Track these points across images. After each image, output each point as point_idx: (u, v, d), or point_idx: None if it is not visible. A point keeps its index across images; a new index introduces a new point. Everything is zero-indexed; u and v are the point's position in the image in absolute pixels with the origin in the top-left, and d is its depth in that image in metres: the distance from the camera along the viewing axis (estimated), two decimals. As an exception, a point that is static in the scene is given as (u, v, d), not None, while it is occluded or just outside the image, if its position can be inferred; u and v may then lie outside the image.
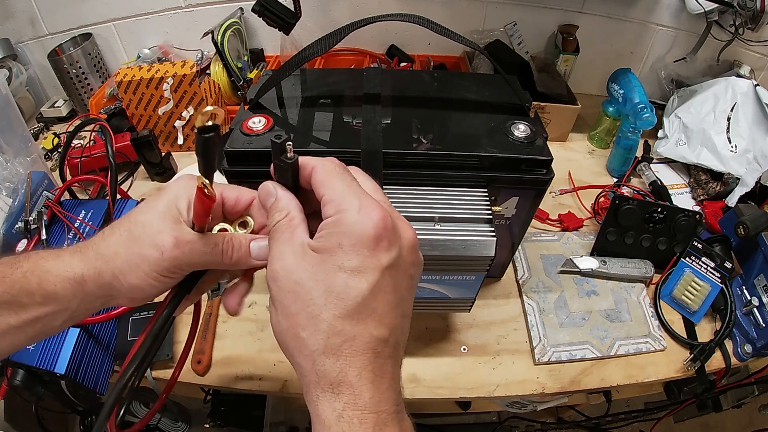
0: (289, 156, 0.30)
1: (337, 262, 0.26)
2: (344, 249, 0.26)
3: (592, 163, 1.05)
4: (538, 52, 1.19)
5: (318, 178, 0.30)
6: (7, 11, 1.07)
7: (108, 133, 0.73)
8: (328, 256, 0.27)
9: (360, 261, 0.26)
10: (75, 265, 0.31)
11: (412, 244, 0.29)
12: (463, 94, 0.65)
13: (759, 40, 1.00)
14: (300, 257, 0.27)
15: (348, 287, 0.26)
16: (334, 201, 0.28)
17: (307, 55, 0.54)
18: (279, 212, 0.30)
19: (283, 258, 0.28)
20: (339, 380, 0.25)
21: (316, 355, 0.26)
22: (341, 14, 1.13)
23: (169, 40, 1.15)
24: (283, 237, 0.29)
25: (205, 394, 0.95)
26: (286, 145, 0.29)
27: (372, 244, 0.26)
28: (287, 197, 0.31)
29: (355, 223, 0.26)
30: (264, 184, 0.32)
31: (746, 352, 0.68)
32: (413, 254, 0.30)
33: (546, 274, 0.77)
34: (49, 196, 0.69)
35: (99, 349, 0.61)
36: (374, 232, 0.26)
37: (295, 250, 0.28)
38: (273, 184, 0.31)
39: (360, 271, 0.26)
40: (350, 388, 0.25)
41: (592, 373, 0.66)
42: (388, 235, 0.27)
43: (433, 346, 0.69)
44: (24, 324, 0.31)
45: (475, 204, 0.53)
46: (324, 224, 0.28)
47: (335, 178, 0.29)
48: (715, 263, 0.71)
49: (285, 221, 0.29)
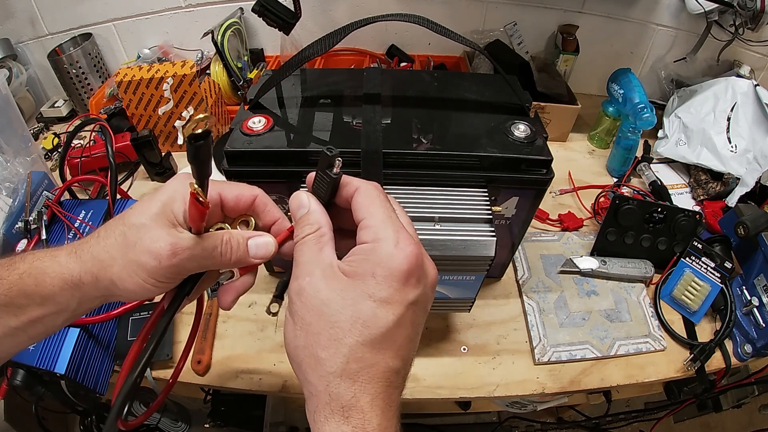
0: (335, 172, 0.30)
1: (367, 290, 0.27)
2: (377, 278, 0.27)
3: (592, 163, 1.05)
4: (538, 52, 1.19)
5: (360, 201, 0.30)
6: (7, 11, 1.07)
7: (108, 133, 0.73)
8: (359, 282, 0.27)
9: (390, 293, 0.27)
10: (72, 267, 0.31)
11: (434, 282, 0.30)
12: (463, 94, 0.65)
13: (759, 40, 1.00)
14: (329, 277, 0.28)
15: (375, 316, 0.26)
16: (372, 228, 0.28)
17: (307, 55, 0.54)
18: (310, 225, 0.30)
19: (311, 275, 0.28)
20: (351, 404, 0.26)
21: (332, 376, 0.26)
22: (341, 14, 1.13)
23: (169, 40, 1.15)
24: (311, 252, 0.29)
25: (205, 394, 0.95)
26: (336, 160, 0.29)
27: (403, 279, 0.27)
28: (320, 211, 0.31)
29: (391, 256, 0.27)
30: (297, 193, 0.32)
31: (746, 352, 0.68)
32: (434, 291, 0.30)
33: (546, 274, 0.77)
34: (49, 196, 0.69)
35: (99, 349, 0.61)
36: (407, 267, 0.27)
37: (324, 268, 0.28)
38: (307, 195, 0.31)
39: (389, 302, 0.27)
40: (361, 414, 0.26)
41: (592, 373, 0.66)
42: (418, 272, 0.28)
43: (433, 346, 0.69)
44: (24, 325, 0.31)
45: (475, 204, 0.53)
46: (358, 249, 0.28)
47: (377, 206, 0.29)
48: (715, 263, 0.71)
49: (314, 236, 0.29)
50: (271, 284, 0.76)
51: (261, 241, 0.32)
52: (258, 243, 0.32)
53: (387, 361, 0.27)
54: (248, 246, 0.32)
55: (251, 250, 0.32)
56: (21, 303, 0.30)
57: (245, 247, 0.32)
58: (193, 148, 0.27)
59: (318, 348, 0.26)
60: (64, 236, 0.65)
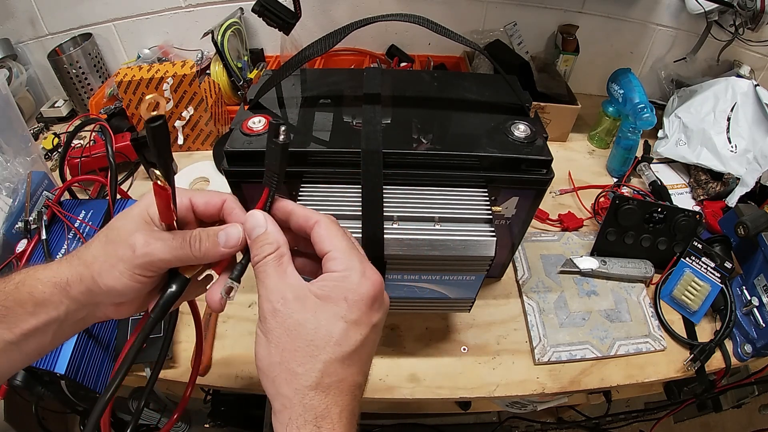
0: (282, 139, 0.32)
1: (340, 312, 0.30)
2: (348, 302, 0.30)
3: (592, 163, 1.05)
4: (538, 52, 1.19)
5: (322, 233, 0.33)
6: (7, 11, 1.07)
7: (108, 133, 0.73)
8: (332, 305, 0.30)
9: (359, 315, 0.30)
10: (61, 271, 0.32)
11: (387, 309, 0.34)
12: (463, 94, 0.65)
13: (759, 40, 1.00)
14: (303, 299, 0.30)
15: (347, 336, 0.30)
16: (339, 259, 0.32)
17: (307, 55, 0.54)
18: (269, 245, 0.32)
19: (285, 297, 0.30)
20: (324, 415, 0.29)
21: (307, 389, 0.29)
22: (341, 14, 1.13)
23: (169, 40, 1.15)
24: (276, 273, 0.31)
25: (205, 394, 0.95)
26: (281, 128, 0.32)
27: (369, 303, 0.31)
28: (277, 230, 0.33)
29: (360, 284, 0.31)
30: (253, 212, 0.33)
31: (746, 352, 0.68)
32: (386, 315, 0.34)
33: (546, 274, 0.77)
34: (49, 196, 0.69)
35: (99, 349, 0.61)
36: (373, 293, 0.31)
37: (296, 291, 0.31)
38: (263, 214, 0.33)
39: (358, 324, 0.30)
40: (331, 423, 0.29)
41: (592, 373, 0.66)
42: (380, 298, 0.32)
43: (433, 346, 0.69)
44: (19, 339, 0.32)
45: (475, 204, 0.53)
46: (329, 276, 0.31)
47: (339, 238, 0.33)
48: (715, 263, 0.71)
49: (275, 255, 0.32)
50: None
51: (230, 230, 0.34)
52: (228, 232, 0.34)
53: (354, 376, 0.30)
54: (218, 237, 0.33)
55: (221, 240, 0.33)
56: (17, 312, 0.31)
57: (215, 238, 0.33)
58: (150, 130, 0.28)
59: (294, 364, 0.29)
60: (64, 236, 0.65)
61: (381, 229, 0.49)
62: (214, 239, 0.33)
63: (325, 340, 0.29)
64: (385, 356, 0.67)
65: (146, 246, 0.31)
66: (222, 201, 0.35)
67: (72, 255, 0.33)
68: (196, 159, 1.01)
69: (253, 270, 0.33)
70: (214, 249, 0.33)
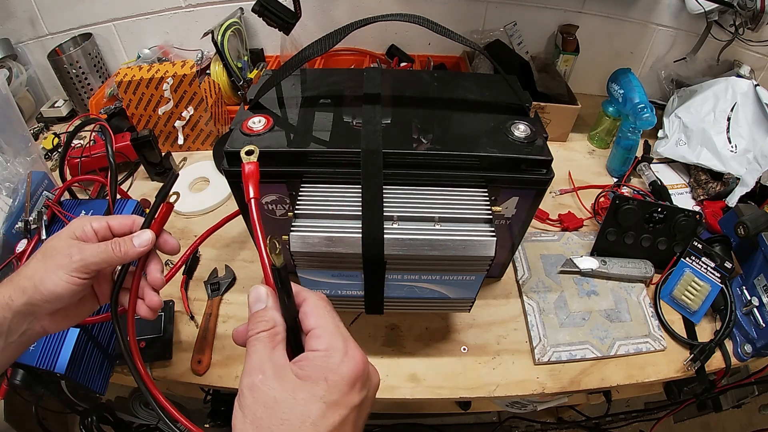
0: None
1: (318, 392, 0.30)
2: (328, 383, 0.30)
3: (592, 163, 1.05)
4: (538, 52, 1.19)
5: (309, 310, 0.34)
6: (7, 11, 1.07)
7: (108, 133, 0.73)
8: (311, 385, 0.30)
9: (339, 397, 0.30)
10: (4, 291, 0.38)
11: (377, 385, 0.34)
12: (463, 94, 0.65)
13: (759, 40, 1.00)
14: (282, 378, 0.30)
15: (324, 417, 0.29)
16: (323, 338, 0.32)
17: (307, 55, 0.54)
18: (265, 322, 0.33)
19: (264, 373, 0.31)
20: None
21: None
22: (341, 14, 1.13)
23: (169, 40, 1.15)
24: (265, 350, 0.32)
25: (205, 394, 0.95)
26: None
27: (350, 384, 0.31)
28: (276, 310, 0.34)
29: (341, 364, 0.31)
30: (257, 287, 0.35)
31: (746, 352, 0.68)
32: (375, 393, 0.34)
33: (546, 274, 0.77)
34: (49, 196, 0.69)
35: (99, 349, 0.61)
36: (354, 374, 0.31)
37: (277, 369, 0.31)
38: (268, 291, 0.35)
39: (337, 405, 0.30)
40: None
41: (592, 373, 0.66)
42: (363, 379, 0.32)
43: (433, 346, 0.69)
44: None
45: (475, 204, 0.53)
46: (310, 355, 0.32)
47: (326, 317, 0.34)
48: (715, 263, 0.71)
49: (269, 334, 0.33)
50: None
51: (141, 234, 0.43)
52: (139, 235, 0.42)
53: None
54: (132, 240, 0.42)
55: (135, 242, 0.42)
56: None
57: (130, 241, 0.42)
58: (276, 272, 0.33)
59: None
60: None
61: (381, 229, 0.49)
62: (129, 242, 0.42)
63: (301, 420, 0.29)
64: (385, 356, 0.67)
65: (81, 253, 0.39)
66: (132, 221, 0.44)
67: (11, 276, 0.39)
68: (196, 159, 1.01)
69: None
70: (131, 249, 0.41)
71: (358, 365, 0.31)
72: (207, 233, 0.74)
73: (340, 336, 0.33)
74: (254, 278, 0.76)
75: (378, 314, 0.60)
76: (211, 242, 0.81)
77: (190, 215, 0.89)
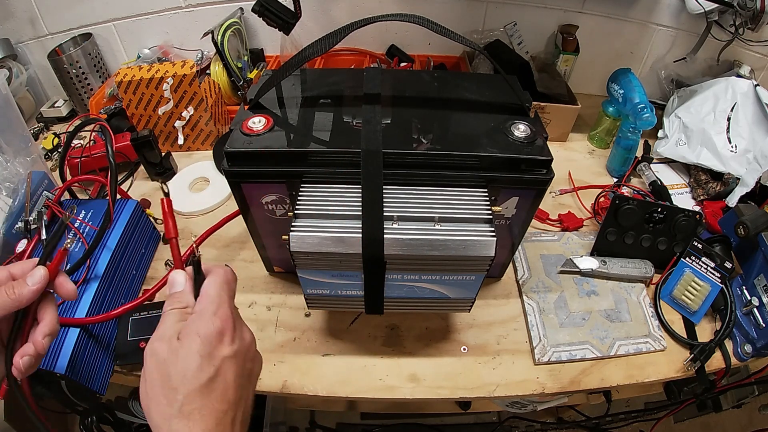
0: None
1: (193, 348, 0.35)
2: (201, 338, 0.35)
3: (592, 163, 1.05)
4: (538, 52, 1.19)
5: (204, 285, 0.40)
6: (7, 11, 1.07)
7: (108, 133, 0.73)
8: (188, 342, 0.35)
9: (210, 349, 0.35)
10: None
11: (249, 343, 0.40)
12: (463, 94, 0.65)
13: (759, 40, 1.00)
14: (168, 341, 0.36)
15: (201, 369, 0.34)
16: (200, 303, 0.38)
17: (307, 55, 0.54)
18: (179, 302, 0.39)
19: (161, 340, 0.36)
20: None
21: (172, 417, 0.33)
22: (341, 14, 1.13)
23: (169, 40, 1.15)
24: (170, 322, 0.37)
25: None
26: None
27: (218, 337, 0.36)
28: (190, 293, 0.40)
29: (209, 321, 0.36)
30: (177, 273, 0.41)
31: (746, 352, 0.68)
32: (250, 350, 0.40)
33: (546, 274, 0.77)
34: (49, 196, 0.69)
35: (99, 349, 0.61)
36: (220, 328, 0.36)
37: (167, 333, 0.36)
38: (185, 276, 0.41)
39: (210, 356, 0.35)
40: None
41: (592, 373, 0.66)
42: (230, 332, 0.37)
43: (433, 346, 0.69)
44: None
45: (475, 204, 0.53)
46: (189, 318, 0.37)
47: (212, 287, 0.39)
48: (715, 263, 0.71)
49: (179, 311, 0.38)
50: (271, 284, 0.76)
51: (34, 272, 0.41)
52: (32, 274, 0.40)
53: (213, 404, 0.34)
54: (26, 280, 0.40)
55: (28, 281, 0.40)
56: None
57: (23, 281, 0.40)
58: None
59: (161, 396, 0.34)
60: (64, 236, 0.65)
61: (381, 229, 0.49)
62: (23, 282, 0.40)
63: (183, 374, 0.34)
64: (385, 356, 0.67)
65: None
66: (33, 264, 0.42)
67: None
68: (196, 159, 1.01)
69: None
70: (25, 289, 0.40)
71: (224, 321, 0.37)
72: (207, 233, 0.75)
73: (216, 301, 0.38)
74: (254, 278, 0.76)
75: (378, 314, 0.60)
76: (211, 242, 0.81)
77: (190, 215, 0.89)
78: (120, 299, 0.68)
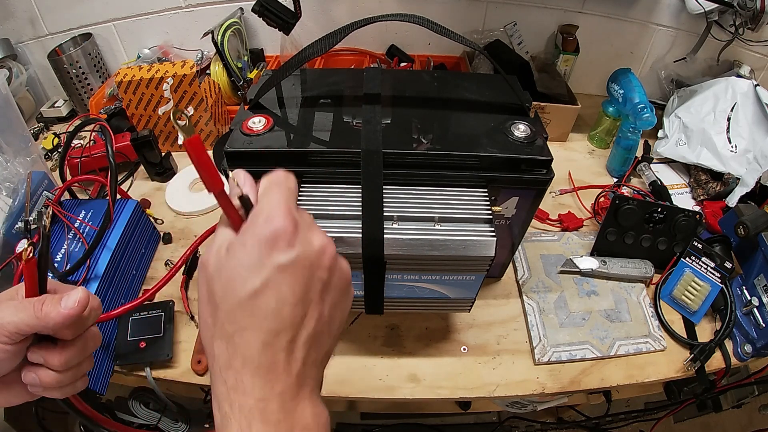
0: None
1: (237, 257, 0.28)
2: (246, 247, 0.28)
3: (592, 163, 1.05)
4: (538, 52, 1.19)
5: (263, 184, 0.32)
6: (7, 11, 1.07)
7: (108, 133, 0.73)
8: (234, 253, 0.29)
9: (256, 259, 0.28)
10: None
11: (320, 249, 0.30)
12: (463, 94, 0.65)
13: (759, 40, 1.00)
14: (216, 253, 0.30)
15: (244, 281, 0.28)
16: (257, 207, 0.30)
17: (307, 55, 0.54)
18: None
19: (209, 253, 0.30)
20: (228, 365, 0.28)
21: (214, 339, 0.28)
22: (341, 14, 1.13)
23: (169, 40, 1.15)
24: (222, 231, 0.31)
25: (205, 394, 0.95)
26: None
27: (270, 245, 0.28)
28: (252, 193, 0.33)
29: (262, 227, 0.28)
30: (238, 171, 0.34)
31: (746, 352, 0.68)
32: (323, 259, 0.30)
33: (546, 274, 0.77)
34: (49, 196, 0.69)
35: (99, 349, 0.61)
36: (273, 232, 0.28)
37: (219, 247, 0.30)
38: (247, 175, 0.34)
39: (257, 266, 0.28)
40: (235, 374, 0.27)
41: (592, 373, 0.66)
42: (287, 238, 0.28)
43: (433, 346, 0.69)
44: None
45: (475, 204, 0.53)
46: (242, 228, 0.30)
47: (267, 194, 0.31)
48: (715, 263, 0.71)
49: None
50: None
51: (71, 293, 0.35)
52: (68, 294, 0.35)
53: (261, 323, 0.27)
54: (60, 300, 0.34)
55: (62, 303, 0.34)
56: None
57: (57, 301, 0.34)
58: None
59: (206, 314, 0.29)
60: (64, 236, 0.65)
61: (381, 229, 0.49)
62: (56, 301, 0.34)
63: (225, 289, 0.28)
64: (385, 356, 0.67)
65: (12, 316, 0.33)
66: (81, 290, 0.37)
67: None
68: (196, 159, 1.01)
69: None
70: (54, 309, 0.34)
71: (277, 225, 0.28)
72: (207, 233, 0.74)
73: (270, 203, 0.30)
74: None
75: (378, 314, 0.60)
76: (211, 242, 0.81)
77: (190, 215, 0.89)
78: (120, 299, 0.68)
